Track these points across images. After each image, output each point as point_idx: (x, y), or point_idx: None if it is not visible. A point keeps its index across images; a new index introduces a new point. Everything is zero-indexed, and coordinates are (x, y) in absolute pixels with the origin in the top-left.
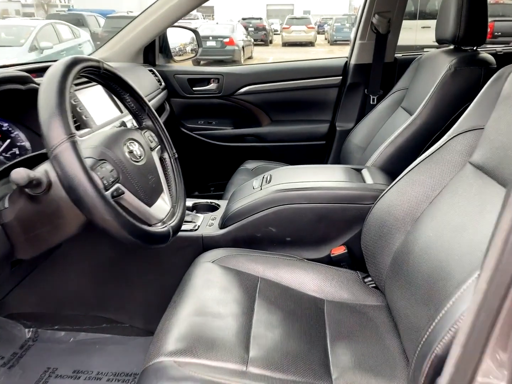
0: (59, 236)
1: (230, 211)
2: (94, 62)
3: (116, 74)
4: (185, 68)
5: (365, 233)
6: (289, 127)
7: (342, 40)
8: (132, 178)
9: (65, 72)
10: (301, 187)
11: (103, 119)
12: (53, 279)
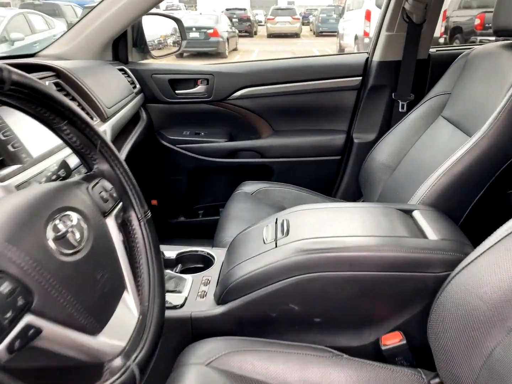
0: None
1: (231, 280)
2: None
3: (41, 90)
4: (165, 66)
5: (436, 321)
6: (296, 139)
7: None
8: (61, 292)
9: None
10: (335, 246)
11: (43, 147)
12: None
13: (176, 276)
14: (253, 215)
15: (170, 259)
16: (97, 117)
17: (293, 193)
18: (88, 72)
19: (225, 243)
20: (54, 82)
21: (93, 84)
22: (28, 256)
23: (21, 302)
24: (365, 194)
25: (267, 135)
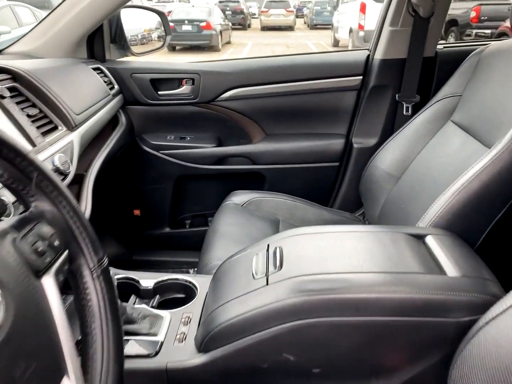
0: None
1: (215, 325)
2: None
3: None
4: (146, 65)
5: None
6: (290, 144)
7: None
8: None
9: None
10: (339, 286)
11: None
12: None
13: (151, 313)
14: (244, 231)
15: (147, 289)
16: (63, 125)
17: (288, 204)
18: (54, 73)
19: (210, 267)
20: (9, 87)
21: (59, 88)
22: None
23: None
24: (366, 205)
25: (258, 139)
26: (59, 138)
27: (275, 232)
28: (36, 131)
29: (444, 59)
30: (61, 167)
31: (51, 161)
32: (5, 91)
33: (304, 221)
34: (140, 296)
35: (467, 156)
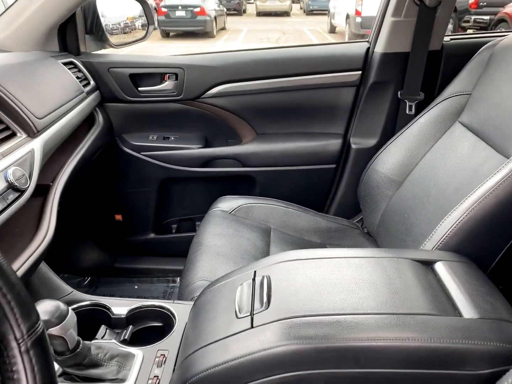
0: None
1: (191, 374)
2: None
3: None
4: (125, 58)
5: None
6: (282, 145)
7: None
8: None
9: None
10: (336, 333)
11: None
12: None
13: (120, 353)
14: (232, 243)
15: (120, 318)
16: (23, 132)
17: (280, 211)
18: (15, 71)
19: (192, 289)
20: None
21: (19, 88)
22: None
23: None
24: (365, 212)
25: (249, 139)
26: (17, 147)
27: (267, 243)
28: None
29: (451, 53)
30: (15, 183)
31: (3, 176)
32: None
33: (297, 230)
34: (111, 326)
35: (478, 163)
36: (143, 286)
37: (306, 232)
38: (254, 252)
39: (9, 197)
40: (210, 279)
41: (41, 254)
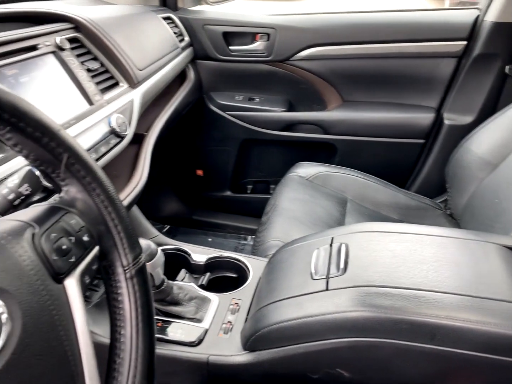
0: None
1: (264, 324)
2: None
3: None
4: (221, 16)
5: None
6: (370, 114)
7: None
8: None
9: None
10: (414, 307)
11: None
12: None
13: (198, 296)
14: (306, 209)
15: (199, 265)
16: (125, 82)
17: (359, 182)
18: (120, 23)
19: (266, 247)
20: (70, 38)
21: (124, 40)
22: None
23: None
24: (450, 192)
25: (334, 106)
26: (119, 95)
27: (342, 213)
28: (95, 87)
29: None
30: (117, 129)
31: (107, 122)
32: (65, 43)
33: (375, 203)
34: (190, 271)
35: None
36: (216, 239)
37: (384, 206)
38: (328, 220)
39: (111, 141)
40: (283, 240)
41: (134, 197)
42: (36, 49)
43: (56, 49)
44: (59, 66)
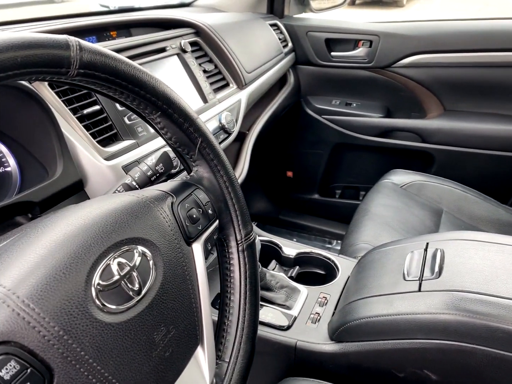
0: None
1: (353, 317)
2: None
3: (121, 71)
4: (323, 23)
5: None
6: (473, 125)
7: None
8: (95, 367)
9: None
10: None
11: None
12: None
13: (289, 285)
14: (399, 217)
15: (289, 258)
16: (234, 83)
17: (456, 193)
18: (234, 29)
19: (355, 249)
20: (191, 41)
21: (236, 45)
22: (54, 320)
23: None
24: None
25: (435, 115)
26: (229, 95)
27: (436, 224)
28: (209, 87)
29: None
30: (226, 126)
31: (218, 119)
32: (187, 46)
33: (473, 217)
34: (280, 263)
35: None
36: (301, 240)
37: (482, 221)
38: (421, 229)
39: (220, 136)
40: (373, 244)
41: None
42: (165, 51)
43: (180, 51)
44: (181, 66)
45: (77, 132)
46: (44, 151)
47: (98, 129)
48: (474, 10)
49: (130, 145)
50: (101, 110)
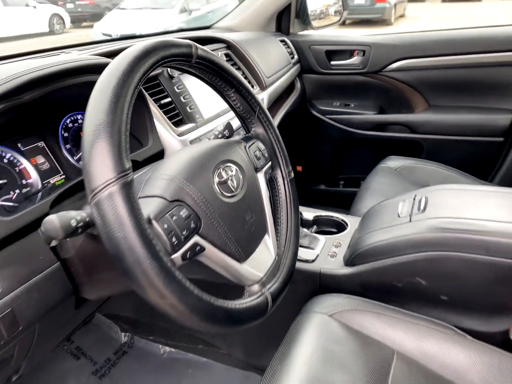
0: (126, 284)
1: (361, 246)
2: (183, 49)
3: (216, 63)
4: (323, 38)
5: None
6: (453, 116)
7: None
8: (220, 224)
9: (129, 68)
10: (474, 229)
11: (212, 111)
12: None
13: (311, 235)
14: (393, 190)
15: (307, 220)
16: (257, 85)
17: (442, 173)
18: (253, 43)
19: (360, 213)
20: (224, 53)
21: (256, 55)
22: (200, 193)
23: (193, 225)
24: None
25: (421, 110)
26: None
27: None
28: None
29: None
30: None
31: None
32: (223, 57)
33: None
34: (301, 225)
35: None
36: None
37: None
38: None
39: None
40: None
41: None
42: None
43: None
44: None
45: (159, 116)
46: (139, 128)
47: (170, 115)
48: (459, 26)
49: (191, 127)
50: (171, 101)
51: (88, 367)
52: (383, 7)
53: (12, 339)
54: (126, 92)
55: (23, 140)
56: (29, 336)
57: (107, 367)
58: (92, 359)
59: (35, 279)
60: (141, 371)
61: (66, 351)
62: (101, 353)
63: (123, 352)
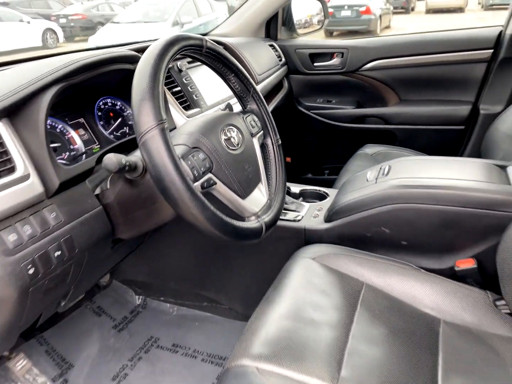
0: (154, 221)
1: (337, 204)
2: (196, 41)
3: (221, 53)
4: (307, 42)
5: (505, 248)
6: (421, 108)
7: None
8: (226, 167)
9: (162, 52)
10: (425, 185)
11: (214, 98)
12: (161, 253)
13: (297, 202)
14: None
15: (295, 193)
16: None
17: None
18: (246, 46)
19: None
20: None
21: (249, 56)
22: (212, 144)
23: (208, 165)
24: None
25: (393, 103)
26: None
27: None
28: None
29: None
30: None
31: None
32: None
33: None
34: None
35: None
36: None
37: None
38: None
39: None
40: None
41: None
42: None
43: None
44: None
45: (172, 101)
46: None
47: (180, 101)
48: None
49: (197, 111)
50: (180, 90)
51: (109, 322)
52: (369, 18)
53: (70, 258)
54: (161, 68)
55: (69, 116)
56: (81, 260)
57: (125, 323)
58: (111, 317)
59: (85, 216)
60: (155, 325)
61: (89, 309)
62: (118, 312)
63: (137, 312)
